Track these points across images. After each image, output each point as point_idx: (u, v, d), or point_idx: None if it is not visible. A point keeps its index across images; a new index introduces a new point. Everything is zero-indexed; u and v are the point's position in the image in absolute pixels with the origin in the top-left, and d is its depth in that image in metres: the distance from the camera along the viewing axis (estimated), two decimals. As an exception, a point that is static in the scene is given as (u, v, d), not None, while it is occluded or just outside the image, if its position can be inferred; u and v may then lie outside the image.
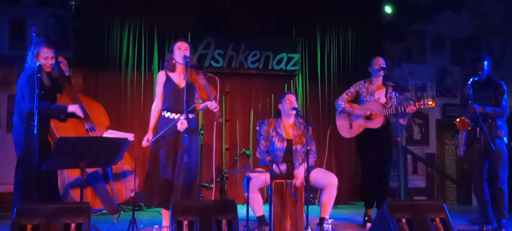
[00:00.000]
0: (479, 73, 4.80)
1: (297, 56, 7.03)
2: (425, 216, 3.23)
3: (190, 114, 4.11)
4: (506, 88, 4.83)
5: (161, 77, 4.31)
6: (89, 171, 4.04)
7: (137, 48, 6.64)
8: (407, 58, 7.86)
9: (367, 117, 4.92)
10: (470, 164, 5.06)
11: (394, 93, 4.88)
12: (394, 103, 4.85)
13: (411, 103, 4.68)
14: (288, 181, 4.26)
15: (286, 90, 6.96)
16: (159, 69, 6.27)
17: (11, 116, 4.24)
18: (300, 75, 7.14)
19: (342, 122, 5.12)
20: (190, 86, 4.16)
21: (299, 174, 4.31)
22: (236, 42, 6.84)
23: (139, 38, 6.66)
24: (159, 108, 4.30)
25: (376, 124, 4.89)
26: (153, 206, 4.34)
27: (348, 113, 5.05)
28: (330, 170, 5.98)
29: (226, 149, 6.89)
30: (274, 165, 4.00)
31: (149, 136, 4.23)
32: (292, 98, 4.55)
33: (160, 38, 6.71)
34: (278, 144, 4.46)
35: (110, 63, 6.55)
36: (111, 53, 6.56)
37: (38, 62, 3.92)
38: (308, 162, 3.98)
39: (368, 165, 5.04)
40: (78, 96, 4.31)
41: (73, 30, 6.63)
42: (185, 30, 6.65)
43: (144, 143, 4.22)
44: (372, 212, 5.02)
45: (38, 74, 3.67)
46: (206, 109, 4.32)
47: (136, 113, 6.59)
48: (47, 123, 4.06)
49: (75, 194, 3.90)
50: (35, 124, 3.52)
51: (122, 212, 5.64)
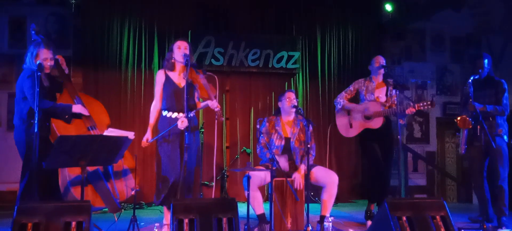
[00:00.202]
0: (480, 71, 4.80)
1: (297, 54, 7.02)
2: (425, 214, 3.23)
3: (191, 113, 4.10)
4: (506, 86, 4.82)
5: (160, 76, 4.29)
6: (90, 169, 4.04)
7: (137, 47, 6.64)
8: (407, 57, 7.86)
9: (367, 117, 4.92)
10: (471, 162, 5.06)
11: (394, 91, 4.88)
12: (394, 102, 4.85)
13: (411, 105, 4.67)
14: (288, 179, 4.27)
15: (286, 88, 6.95)
16: (159, 68, 6.26)
17: (11, 115, 4.24)
18: (300, 74, 7.13)
19: (342, 121, 5.11)
20: (190, 86, 4.16)
21: (298, 177, 4.30)
22: (236, 40, 6.84)
23: (139, 37, 6.65)
24: (158, 108, 4.28)
25: (376, 123, 4.88)
26: (161, 205, 4.31)
27: (347, 110, 5.04)
28: (331, 168, 5.98)
29: (227, 147, 6.89)
30: (277, 157, 4.01)
31: (148, 136, 4.21)
32: (291, 96, 4.54)
33: (160, 37, 6.70)
34: (277, 142, 4.46)
35: (110, 62, 6.54)
36: (111, 52, 6.56)
37: (38, 61, 3.91)
38: (308, 160, 3.98)
39: (370, 164, 5.04)
40: (78, 93, 4.31)
41: (73, 29, 6.62)
42: (185, 28, 6.65)
43: (143, 143, 4.21)
44: (374, 207, 5.02)
45: (39, 73, 3.66)
46: (207, 108, 4.32)
47: (136, 112, 6.58)
48: (48, 123, 4.06)
49: (76, 192, 3.90)
50: (36, 122, 3.52)
51: (123, 210, 5.65)
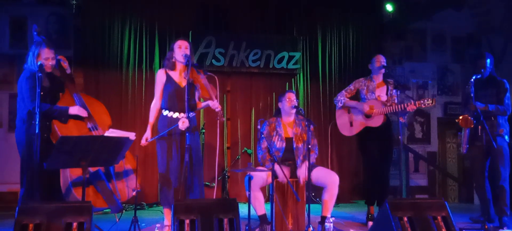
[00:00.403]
0: (482, 71, 4.79)
1: (298, 54, 7.02)
2: (426, 214, 3.23)
3: (191, 113, 4.10)
4: (508, 86, 4.82)
5: (161, 76, 4.29)
6: (92, 170, 4.04)
7: (138, 47, 6.64)
8: (408, 57, 7.85)
9: (367, 115, 4.92)
10: (472, 162, 5.06)
11: (395, 91, 4.88)
12: (395, 101, 4.85)
13: (411, 102, 4.67)
14: (289, 180, 4.26)
15: (287, 89, 6.95)
16: (160, 68, 6.25)
17: (13, 115, 4.24)
18: (301, 74, 7.13)
19: (342, 120, 5.11)
20: (191, 85, 4.16)
21: (300, 174, 4.31)
22: (237, 41, 6.83)
23: (140, 37, 6.65)
24: (158, 107, 4.28)
25: (376, 122, 4.88)
26: (164, 206, 4.31)
27: (348, 107, 5.03)
28: (332, 169, 5.98)
29: (228, 148, 6.89)
30: (277, 167, 4.00)
31: (147, 135, 4.21)
32: (292, 97, 4.54)
33: (161, 37, 6.70)
34: (278, 144, 4.46)
35: (111, 62, 6.54)
36: (112, 52, 6.55)
37: (39, 62, 3.92)
38: (309, 161, 3.97)
39: (369, 163, 5.04)
40: (80, 94, 4.31)
41: (73, 29, 6.62)
42: (186, 28, 6.64)
43: (142, 142, 4.21)
44: (374, 210, 5.02)
45: (39, 74, 3.66)
46: (208, 108, 4.32)
47: (137, 112, 6.58)
48: (49, 123, 4.06)
49: (78, 193, 3.90)
50: (37, 123, 3.52)
51: (124, 211, 5.65)
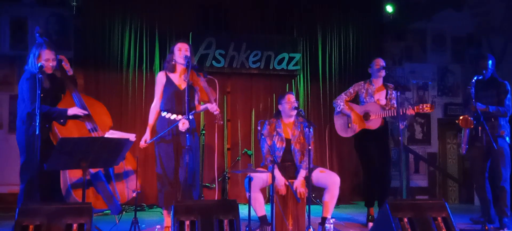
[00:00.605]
0: (484, 72, 4.79)
1: (298, 56, 7.02)
2: (427, 215, 3.23)
3: (190, 115, 4.11)
4: (510, 88, 4.82)
5: (161, 78, 4.30)
6: (91, 171, 4.05)
7: (138, 48, 6.63)
8: (408, 57, 7.85)
9: (365, 116, 4.92)
10: (472, 163, 5.06)
11: (394, 93, 4.88)
12: (394, 105, 4.85)
13: (410, 108, 4.68)
14: (289, 181, 4.26)
15: (287, 90, 6.94)
16: (160, 69, 6.26)
17: (13, 116, 4.25)
18: (301, 75, 7.12)
19: (340, 121, 5.12)
20: (191, 88, 4.16)
21: (299, 186, 4.29)
22: (237, 42, 6.83)
23: (140, 38, 6.65)
24: (158, 108, 4.29)
25: (374, 124, 4.89)
26: (162, 207, 4.31)
27: (345, 115, 5.05)
28: (332, 169, 5.99)
29: (228, 149, 6.88)
30: (277, 173, 4.00)
31: (147, 136, 4.22)
32: (292, 99, 4.53)
33: (161, 38, 6.70)
34: (278, 144, 4.46)
35: (111, 63, 6.54)
36: (112, 53, 6.55)
37: (40, 63, 3.92)
38: (309, 162, 3.97)
39: (367, 164, 5.05)
40: (81, 95, 4.31)
41: (74, 30, 6.62)
42: (186, 30, 6.64)
43: (142, 144, 4.21)
44: (374, 211, 5.02)
45: (40, 75, 3.67)
46: (207, 110, 4.32)
47: (137, 113, 6.58)
48: (48, 124, 4.06)
49: (77, 195, 3.91)
50: (37, 124, 3.52)
51: (124, 212, 5.65)
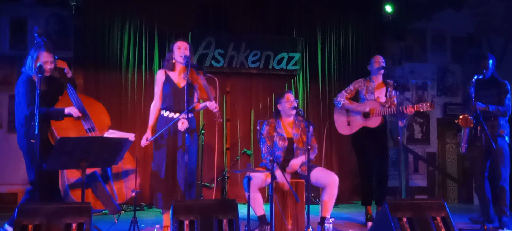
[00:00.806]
0: (484, 71, 4.79)
1: (297, 55, 7.02)
2: (426, 215, 3.23)
3: (190, 114, 4.11)
4: (510, 88, 4.82)
5: (160, 76, 4.31)
6: (87, 171, 4.04)
7: (137, 48, 6.64)
8: (408, 57, 7.84)
9: (365, 115, 4.92)
10: (472, 163, 5.06)
11: (394, 92, 4.88)
12: (394, 102, 4.85)
13: (410, 106, 4.68)
14: (288, 181, 4.26)
15: (286, 90, 6.93)
16: (160, 69, 6.27)
17: (12, 116, 4.24)
18: (300, 75, 7.13)
19: (340, 119, 5.12)
20: (190, 86, 4.16)
21: (294, 165, 4.31)
22: (236, 42, 6.83)
23: (140, 38, 6.65)
24: (158, 107, 4.30)
25: (374, 122, 4.89)
26: (159, 208, 4.32)
27: (347, 109, 5.05)
28: (331, 169, 5.98)
29: (227, 149, 6.88)
30: (278, 173, 4.00)
31: (148, 135, 4.22)
32: (291, 97, 4.54)
33: (160, 38, 6.70)
34: (280, 144, 4.45)
35: (111, 63, 6.54)
36: (112, 53, 6.56)
37: (39, 63, 3.91)
38: (309, 162, 3.97)
39: (364, 163, 5.06)
40: (79, 95, 4.31)
41: (73, 29, 6.62)
42: (185, 29, 6.64)
43: (143, 142, 4.21)
44: (372, 210, 5.03)
45: (39, 75, 3.66)
46: (207, 109, 4.32)
47: (137, 113, 6.58)
48: (46, 125, 4.05)
49: (75, 195, 3.90)
50: (36, 124, 3.52)
51: (123, 212, 5.66)
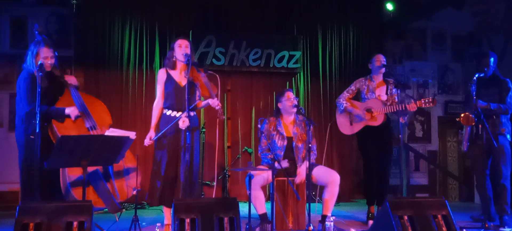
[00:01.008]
0: (485, 70, 4.79)
1: (298, 54, 7.01)
2: (427, 213, 3.23)
3: (192, 112, 4.11)
4: (511, 85, 4.81)
5: (161, 75, 4.31)
6: (89, 169, 4.04)
7: (138, 46, 6.63)
8: (408, 56, 7.84)
9: (368, 111, 4.91)
10: (473, 161, 5.06)
11: (395, 90, 4.88)
12: (395, 100, 4.85)
13: (412, 102, 4.67)
14: (289, 179, 4.26)
15: (287, 88, 6.94)
16: (161, 67, 6.27)
17: (13, 115, 4.23)
18: (301, 73, 7.12)
19: (342, 119, 5.12)
20: (192, 84, 4.16)
21: (301, 172, 4.31)
22: (237, 40, 6.83)
23: (141, 37, 6.64)
24: (160, 106, 4.29)
25: (377, 121, 4.88)
26: (155, 205, 4.33)
27: (349, 112, 5.05)
28: (332, 167, 5.98)
29: (228, 147, 6.89)
30: (276, 162, 4.01)
31: (151, 134, 4.22)
32: (291, 96, 4.54)
33: (161, 37, 6.69)
34: (279, 142, 4.46)
35: (112, 62, 6.54)
36: (113, 51, 6.55)
37: (40, 61, 3.91)
38: (309, 160, 3.97)
39: (369, 162, 5.04)
40: (80, 93, 4.31)
41: (74, 29, 6.62)
42: (186, 28, 6.64)
43: (146, 141, 4.21)
44: (375, 209, 5.02)
45: (40, 73, 3.66)
46: (208, 107, 4.32)
47: (137, 111, 6.58)
48: (47, 123, 4.05)
49: (77, 193, 3.90)
50: (37, 122, 3.52)
51: (124, 210, 5.65)
